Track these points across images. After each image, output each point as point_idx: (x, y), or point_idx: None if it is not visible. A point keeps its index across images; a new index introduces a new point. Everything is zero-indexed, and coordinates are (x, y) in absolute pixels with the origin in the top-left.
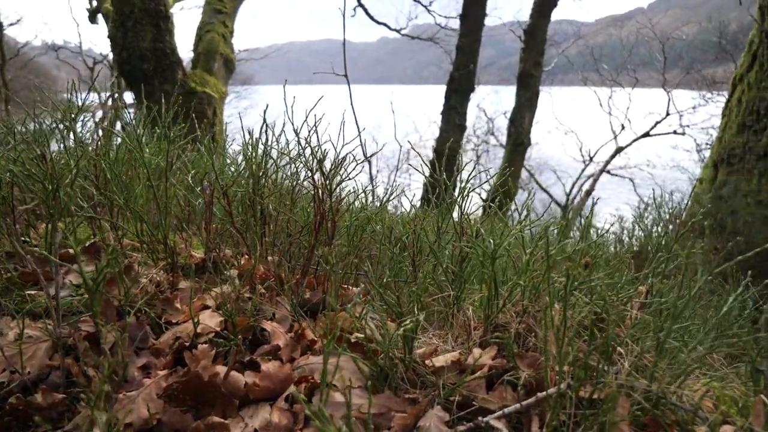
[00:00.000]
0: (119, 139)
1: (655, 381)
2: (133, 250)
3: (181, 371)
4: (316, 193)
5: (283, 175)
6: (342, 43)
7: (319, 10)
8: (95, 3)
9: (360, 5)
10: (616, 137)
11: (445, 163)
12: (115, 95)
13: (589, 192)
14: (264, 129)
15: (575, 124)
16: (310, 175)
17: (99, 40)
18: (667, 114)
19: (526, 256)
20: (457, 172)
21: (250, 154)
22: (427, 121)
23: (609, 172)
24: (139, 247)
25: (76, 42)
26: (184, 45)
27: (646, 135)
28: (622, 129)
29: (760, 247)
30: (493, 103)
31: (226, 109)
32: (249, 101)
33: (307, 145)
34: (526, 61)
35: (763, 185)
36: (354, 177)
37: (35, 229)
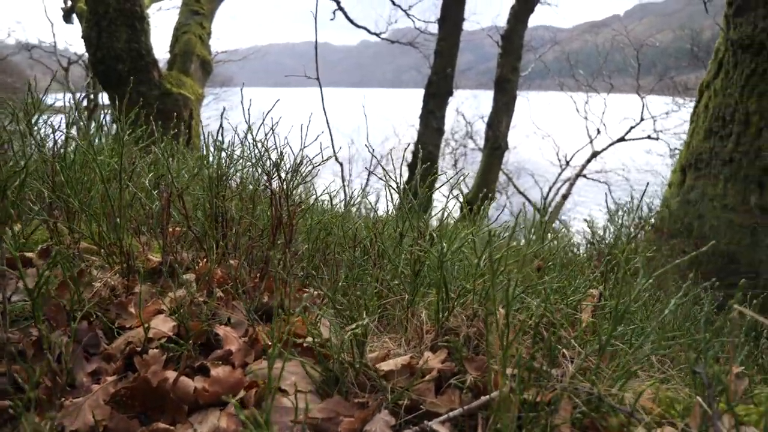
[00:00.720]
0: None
1: (597, 384)
2: (92, 253)
3: (132, 377)
4: (272, 197)
5: (247, 179)
6: (321, 45)
7: (300, 12)
8: (70, 2)
9: (339, 8)
10: (592, 142)
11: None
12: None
13: (566, 196)
14: (221, 132)
15: (552, 128)
16: (267, 178)
17: (74, 39)
18: (642, 119)
19: (475, 260)
20: (429, 177)
21: (206, 157)
22: (405, 125)
23: (585, 176)
24: (97, 251)
25: (50, 41)
26: (161, 46)
27: (621, 140)
28: (598, 134)
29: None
30: (472, 107)
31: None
32: (228, 103)
33: (264, 148)
34: (504, 66)
35: (729, 190)
36: (310, 180)
37: None
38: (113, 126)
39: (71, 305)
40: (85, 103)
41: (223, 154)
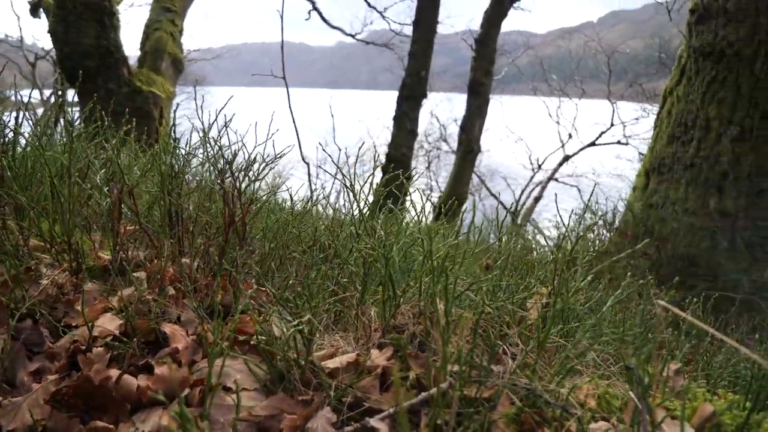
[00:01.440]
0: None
1: (535, 379)
2: (42, 251)
3: (75, 375)
4: (224, 195)
5: (204, 177)
6: (297, 45)
7: (276, 11)
8: None
9: (314, 8)
10: (563, 146)
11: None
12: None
13: (538, 199)
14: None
15: (525, 132)
16: (220, 176)
17: (42, 34)
18: (612, 125)
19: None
20: (399, 178)
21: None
22: (380, 127)
23: (557, 180)
24: (48, 249)
25: (17, 36)
26: (132, 43)
27: (592, 144)
28: (570, 138)
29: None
30: (446, 110)
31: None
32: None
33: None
34: (477, 69)
35: (690, 194)
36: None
37: None
38: (78, 123)
39: (14, 303)
40: (53, 99)
41: (181, 152)
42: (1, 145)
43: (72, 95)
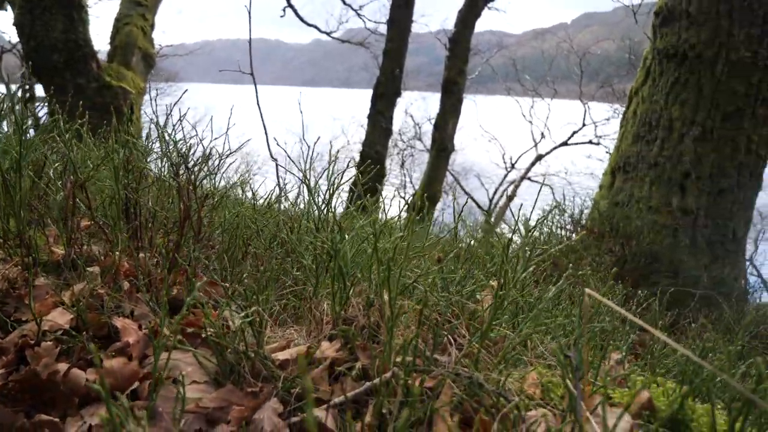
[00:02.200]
0: None
1: (479, 369)
2: None
3: (23, 370)
4: (179, 189)
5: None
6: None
7: (244, 7)
8: None
9: (289, 5)
10: (536, 145)
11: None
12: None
13: (511, 197)
14: (128, 124)
15: (499, 131)
16: (174, 170)
17: (7, 27)
18: (584, 125)
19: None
20: (369, 175)
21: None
22: (355, 125)
23: (530, 179)
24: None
25: None
26: (101, 37)
27: (564, 144)
28: (542, 138)
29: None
30: (421, 108)
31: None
32: (173, 98)
33: (173, 141)
34: (451, 68)
35: (654, 192)
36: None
37: None
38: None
39: None
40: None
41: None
42: None
43: (40, 90)
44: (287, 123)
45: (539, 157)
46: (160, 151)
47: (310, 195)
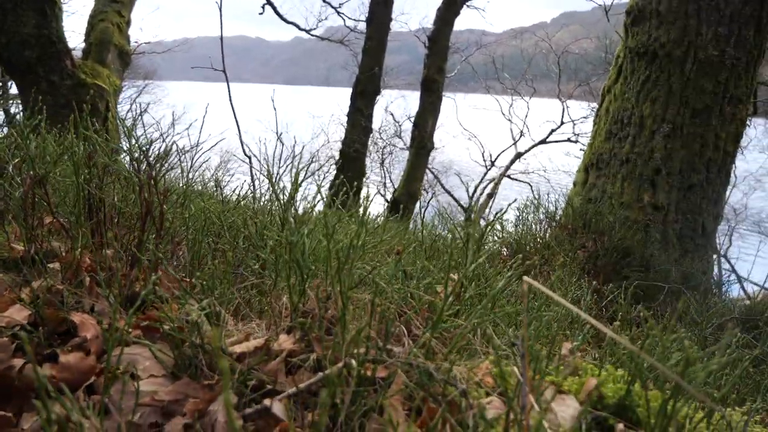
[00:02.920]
0: None
1: (430, 359)
2: None
3: None
4: (140, 184)
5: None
6: (254, 41)
7: (232, 5)
8: None
9: (268, 2)
10: (515, 143)
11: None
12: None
13: (491, 195)
14: (88, 119)
15: (478, 129)
16: (134, 165)
17: None
18: (562, 123)
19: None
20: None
21: (71, 141)
22: (335, 123)
23: (510, 177)
24: None
25: None
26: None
27: (543, 142)
28: (522, 136)
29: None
30: (401, 107)
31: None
32: (151, 96)
33: (134, 138)
34: (430, 66)
35: (625, 188)
36: (176, 167)
37: None
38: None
39: None
40: None
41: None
42: None
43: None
44: (267, 121)
45: (518, 155)
46: (124, 147)
47: (273, 190)
